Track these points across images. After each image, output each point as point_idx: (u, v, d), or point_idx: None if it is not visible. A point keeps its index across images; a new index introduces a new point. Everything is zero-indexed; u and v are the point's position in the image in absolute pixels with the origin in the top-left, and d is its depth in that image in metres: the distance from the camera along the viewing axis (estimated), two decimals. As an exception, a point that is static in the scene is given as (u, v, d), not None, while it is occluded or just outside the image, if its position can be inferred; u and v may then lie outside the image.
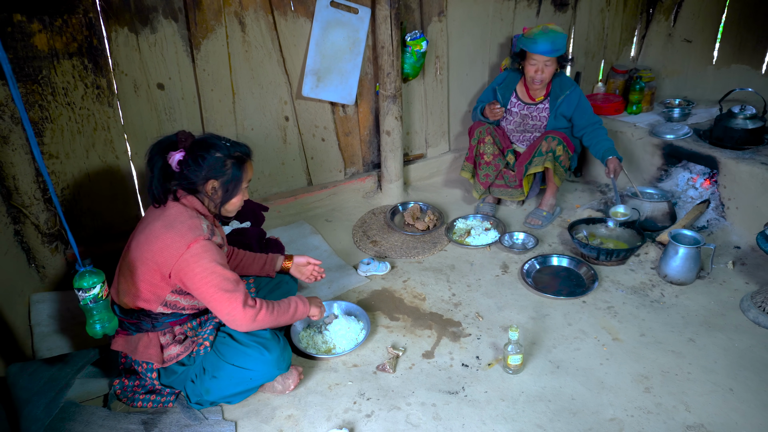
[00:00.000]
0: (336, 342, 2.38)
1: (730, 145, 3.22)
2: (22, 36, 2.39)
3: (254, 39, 2.99)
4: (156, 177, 1.88)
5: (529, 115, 3.29)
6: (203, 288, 1.83)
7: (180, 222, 1.84)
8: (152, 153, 1.89)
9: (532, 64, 3.06)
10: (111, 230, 2.89)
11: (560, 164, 3.16)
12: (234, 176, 1.94)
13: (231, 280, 1.86)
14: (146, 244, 1.86)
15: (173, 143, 1.88)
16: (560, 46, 3.02)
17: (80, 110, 2.62)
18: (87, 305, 1.80)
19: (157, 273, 1.86)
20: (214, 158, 1.88)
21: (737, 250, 2.96)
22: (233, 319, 1.87)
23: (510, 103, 3.32)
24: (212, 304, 1.86)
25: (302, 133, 3.37)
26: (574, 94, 3.18)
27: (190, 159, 1.86)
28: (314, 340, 2.40)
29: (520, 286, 2.79)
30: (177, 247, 1.81)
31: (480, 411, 2.04)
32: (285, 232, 3.25)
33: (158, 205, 1.91)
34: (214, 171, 1.89)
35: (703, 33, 4.23)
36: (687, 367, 2.22)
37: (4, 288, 2.37)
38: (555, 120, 3.23)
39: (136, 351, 1.97)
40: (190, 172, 1.87)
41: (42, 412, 1.91)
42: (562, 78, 3.22)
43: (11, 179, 2.54)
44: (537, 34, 3.01)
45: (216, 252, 1.86)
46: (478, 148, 3.30)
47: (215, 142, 1.91)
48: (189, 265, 1.81)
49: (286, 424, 2.02)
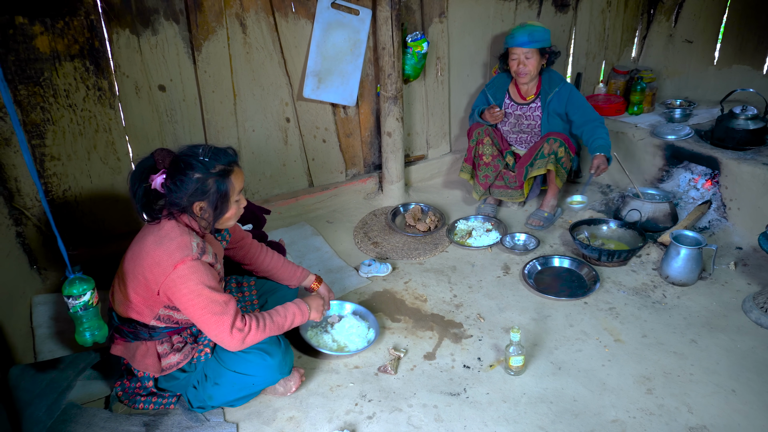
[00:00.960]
0: (345, 341, 2.38)
1: (732, 145, 3.22)
2: (24, 38, 2.39)
3: (255, 40, 2.99)
4: (141, 203, 1.80)
5: (523, 115, 3.29)
6: (190, 310, 1.79)
7: (169, 239, 1.78)
8: (133, 181, 1.79)
9: (513, 58, 3.09)
10: (113, 232, 2.89)
11: (562, 166, 3.16)
12: (219, 193, 1.81)
13: (219, 302, 1.79)
14: (138, 259, 1.81)
15: (152, 167, 1.79)
16: (539, 38, 3.02)
17: (82, 112, 2.62)
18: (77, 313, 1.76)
19: (147, 288, 1.82)
20: (193, 180, 1.76)
21: (739, 251, 2.96)
22: (220, 341, 1.83)
23: (504, 105, 3.32)
24: (200, 326, 1.82)
25: (303, 135, 3.37)
26: (564, 89, 3.16)
27: (170, 181, 1.77)
28: (323, 339, 2.39)
29: (521, 287, 2.79)
30: (164, 266, 1.75)
31: (482, 412, 2.04)
32: (286, 234, 3.25)
33: (152, 222, 1.84)
34: (197, 193, 1.78)
35: (704, 33, 4.23)
36: (689, 369, 2.22)
37: (6, 290, 2.37)
38: (548, 119, 3.21)
39: (134, 359, 1.95)
40: (173, 196, 1.78)
41: (44, 414, 1.91)
42: (551, 74, 3.21)
43: (13, 181, 2.55)
44: (514, 29, 3.09)
45: (204, 273, 1.78)
46: (477, 149, 3.30)
47: (191, 162, 1.77)
48: (176, 286, 1.76)
49: (288, 425, 2.01)
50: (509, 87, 3.30)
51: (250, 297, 2.32)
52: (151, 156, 1.80)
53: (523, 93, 3.26)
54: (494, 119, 3.24)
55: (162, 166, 1.78)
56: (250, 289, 2.34)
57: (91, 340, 1.79)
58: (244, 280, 2.35)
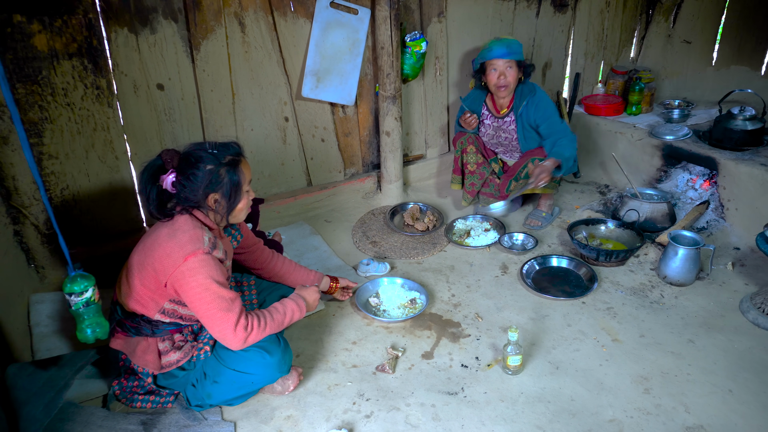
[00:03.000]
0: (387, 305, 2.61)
1: (730, 146, 3.22)
2: (22, 36, 2.39)
3: (254, 40, 2.99)
4: (153, 203, 1.83)
5: (500, 128, 3.26)
6: (196, 304, 1.81)
7: (182, 231, 1.82)
8: (143, 182, 1.83)
9: (493, 71, 3.02)
10: (111, 231, 2.89)
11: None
12: (232, 182, 1.88)
13: (226, 299, 1.81)
14: (150, 250, 1.85)
15: (160, 166, 1.83)
16: (516, 50, 3.00)
17: (80, 111, 2.62)
18: (78, 310, 1.77)
19: (155, 280, 1.85)
20: (205, 172, 1.83)
21: (737, 251, 2.97)
22: (223, 338, 1.84)
23: (482, 116, 3.30)
24: (204, 321, 1.84)
25: (302, 134, 3.37)
26: (534, 99, 3.07)
27: (182, 178, 1.81)
28: (370, 304, 2.60)
29: (519, 286, 2.79)
30: (175, 258, 1.78)
31: (479, 412, 2.04)
32: (284, 233, 3.25)
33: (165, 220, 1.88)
34: (211, 184, 1.84)
35: (702, 34, 4.24)
36: (686, 369, 2.22)
37: (4, 288, 2.36)
38: (524, 133, 3.15)
39: (134, 354, 1.96)
40: (186, 192, 1.82)
41: (41, 413, 1.91)
42: (524, 87, 3.12)
43: (11, 179, 2.54)
44: (491, 42, 3.04)
45: (214, 267, 1.81)
46: (462, 158, 3.30)
47: (201, 155, 1.83)
48: (184, 278, 1.78)
49: (286, 424, 2.01)
50: (486, 99, 3.27)
51: (249, 296, 2.33)
52: (158, 157, 1.84)
53: (498, 107, 3.23)
54: (468, 126, 3.19)
55: (171, 166, 1.82)
56: (250, 288, 2.34)
57: (92, 337, 1.79)
58: (244, 278, 2.36)
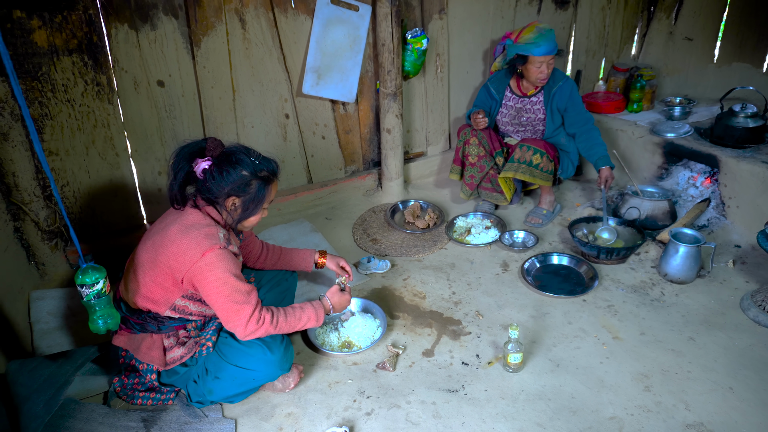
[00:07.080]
0: (353, 339, 2.38)
1: (731, 143, 3.21)
2: (22, 32, 2.38)
3: (255, 36, 2.98)
4: (178, 181, 1.85)
5: (523, 108, 3.26)
6: (213, 297, 1.83)
7: (197, 228, 1.83)
8: (178, 157, 1.85)
9: (538, 66, 3.03)
10: (110, 227, 2.89)
11: (541, 170, 3.12)
12: (257, 196, 1.90)
13: (242, 292, 1.85)
14: (161, 247, 1.85)
15: (201, 150, 1.85)
16: (556, 42, 3.04)
17: (80, 107, 2.61)
18: (90, 301, 1.80)
19: (170, 277, 1.86)
20: (239, 175, 1.85)
21: (738, 248, 2.96)
22: (235, 329, 1.88)
23: (504, 98, 3.30)
24: (220, 312, 1.87)
25: (302, 131, 3.36)
26: (567, 84, 3.14)
27: (215, 170, 1.83)
28: (329, 337, 2.39)
29: (520, 284, 2.79)
30: (192, 254, 1.80)
31: (480, 409, 2.04)
32: (285, 230, 3.25)
33: (178, 207, 1.89)
34: (238, 188, 1.86)
35: (704, 31, 4.22)
36: (687, 366, 2.22)
37: (4, 285, 2.37)
38: (552, 116, 3.19)
39: (138, 351, 1.97)
40: (213, 184, 1.84)
41: (42, 409, 1.91)
42: (554, 70, 3.19)
43: (11, 176, 2.54)
44: (536, 37, 2.98)
45: (231, 261, 1.84)
46: (463, 150, 3.29)
47: (243, 158, 1.86)
48: (202, 273, 1.81)
49: (286, 422, 2.02)
50: (510, 81, 3.29)
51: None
52: (204, 140, 1.85)
53: (523, 88, 3.24)
54: (477, 125, 3.19)
55: (211, 154, 1.83)
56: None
57: (104, 328, 1.82)
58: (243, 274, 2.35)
